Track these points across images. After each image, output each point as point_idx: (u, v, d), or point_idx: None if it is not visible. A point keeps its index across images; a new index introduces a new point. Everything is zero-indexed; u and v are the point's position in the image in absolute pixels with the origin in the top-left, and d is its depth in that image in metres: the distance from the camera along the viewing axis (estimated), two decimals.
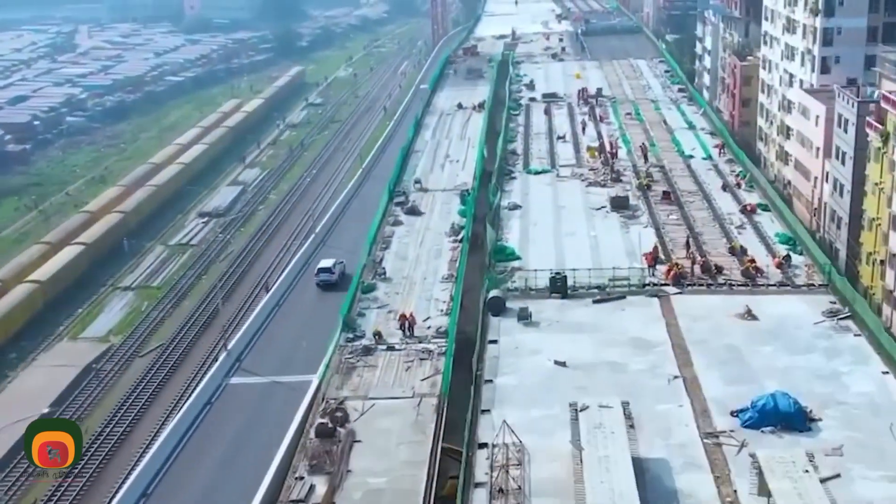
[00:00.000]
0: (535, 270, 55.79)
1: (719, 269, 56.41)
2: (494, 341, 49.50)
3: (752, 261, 56.89)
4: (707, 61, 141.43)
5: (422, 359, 50.98)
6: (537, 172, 77.76)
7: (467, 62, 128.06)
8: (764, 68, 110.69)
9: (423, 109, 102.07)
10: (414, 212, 72.76)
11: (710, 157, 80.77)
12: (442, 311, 56.35)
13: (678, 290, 54.11)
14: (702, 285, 55.09)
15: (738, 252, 59.15)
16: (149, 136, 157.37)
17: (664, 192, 70.08)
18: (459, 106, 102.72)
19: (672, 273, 55.33)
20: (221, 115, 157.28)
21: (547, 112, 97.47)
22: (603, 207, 68.50)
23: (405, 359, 51.00)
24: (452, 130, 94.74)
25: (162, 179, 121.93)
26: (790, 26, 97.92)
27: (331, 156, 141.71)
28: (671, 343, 48.00)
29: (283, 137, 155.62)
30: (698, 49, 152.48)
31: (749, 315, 50.60)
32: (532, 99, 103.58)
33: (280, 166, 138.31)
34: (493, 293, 53.24)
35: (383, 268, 62.62)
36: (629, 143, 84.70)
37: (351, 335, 53.85)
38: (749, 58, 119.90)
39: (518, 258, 60.08)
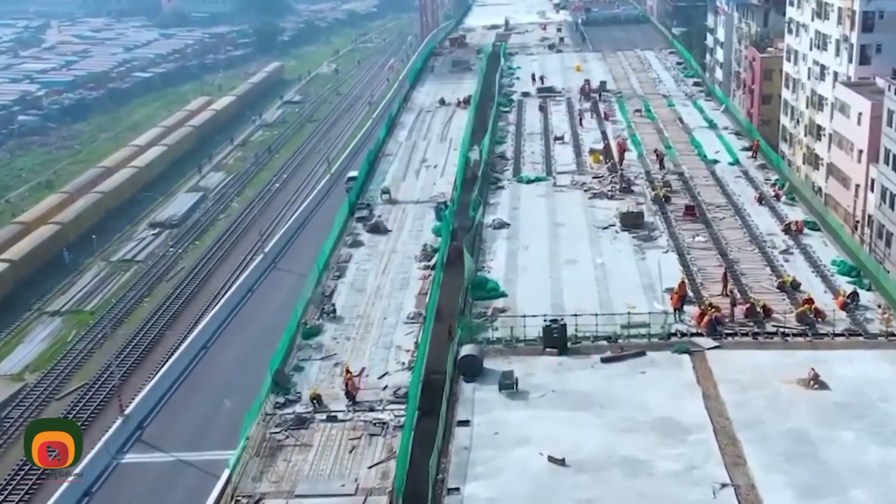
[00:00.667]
0: (524, 317, 41.98)
1: (768, 313, 42.73)
2: (465, 422, 35.73)
3: (810, 301, 43.21)
4: (720, 54, 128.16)
5: (372, 434, 37.52)
6: (530, 181, 64.00)
7: (454, 53, 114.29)
8: (788, 60, 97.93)
9: (400, 105, 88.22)
10: (378, 229, 59.11)
11: (737, 162, 67.03)
12: (404, 364, 42.85)
13: (716, 344, 40.37)
14: (746, 335, 41.40)
15: (789, 288, 45.48)
16: (108, 136, 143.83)
17: (687, 207, 56.26)
18: (442, 102, 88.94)
19: (706, 319, 41.63)
20: (187, 114, 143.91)
21: (543, 109, 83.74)
22: (611, 226, 54.77)
23: (350, 434, 37.52)
24: (432, 130, 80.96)
25: (111, 185, 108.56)
26: (822, 11, 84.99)
27: (304, 159, 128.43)
28: (712, 427, 34.22)
29: (254, 138, 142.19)
30: (709, 41, 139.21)
31: (815, 382, 36.90)
32: (525, 94, 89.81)
33: (247, 170, 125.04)
34: (467, 350, 39.45)
35: (333, 304, 49.02)
36: (640, 145, 70.95)
37: (282, 399, 40.33)
38: (770, 49, 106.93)
39: (503, 295, 46.37)
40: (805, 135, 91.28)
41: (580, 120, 79.11)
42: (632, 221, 54.16)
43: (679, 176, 64.13)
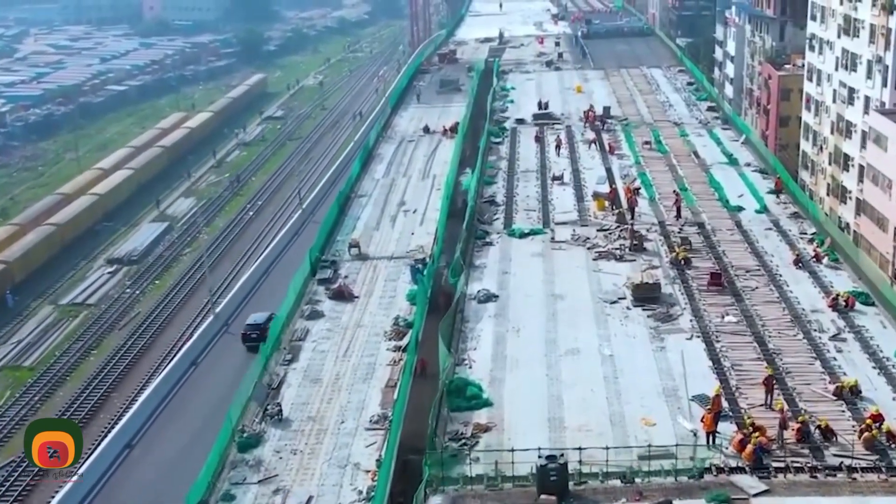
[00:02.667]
0: (513, 451, 32.30)
1: (828, 435, 33.14)
2: None
3: (878, 416, 33.57)
4: (730, 69, 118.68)
5: None
6: (524, 234, 54.31)
7: (442, 71, 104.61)
8: (810, 80, 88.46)
9: (378, 134, 78.50)
10: (342, 296, 49.49)
11: (765, 210, 57.38)
12: (362, 493, 33.43)
13: (764, 487, 30.68)
14: (802, 469, 31.77)
15: (848, 395, 35.86)
16: (75, 157, 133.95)
17: (712, 274, 46.53)
18: (426, 130, 79.24)
19: (749, 448, 31.97)
20: (158, 133, 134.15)
21: (539, 139, 74.10)
22: (621, 299, 45.11)
23: None
24: (413, 164, 71.30)
25: (67, 216, 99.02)
26: (850, 27, 75.65)
27: (283, 182, 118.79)
28: None
29: (230, 158, 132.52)
30: (718, 54, 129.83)
31: None
32: (520, 121, 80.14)
33: (220, 195, 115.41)
34: None
35: (278, 403, 39.48)
36: (652, 187, 61.26)
37: None
38: (787, 66, 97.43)
39: (486, 404, 36.70)
40: (829, 163, 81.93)
41: (592, 143, 69.91)
42: (646, 294, 44.51)
43: (699, 228, 54.47)
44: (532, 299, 45.75)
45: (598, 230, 54.17)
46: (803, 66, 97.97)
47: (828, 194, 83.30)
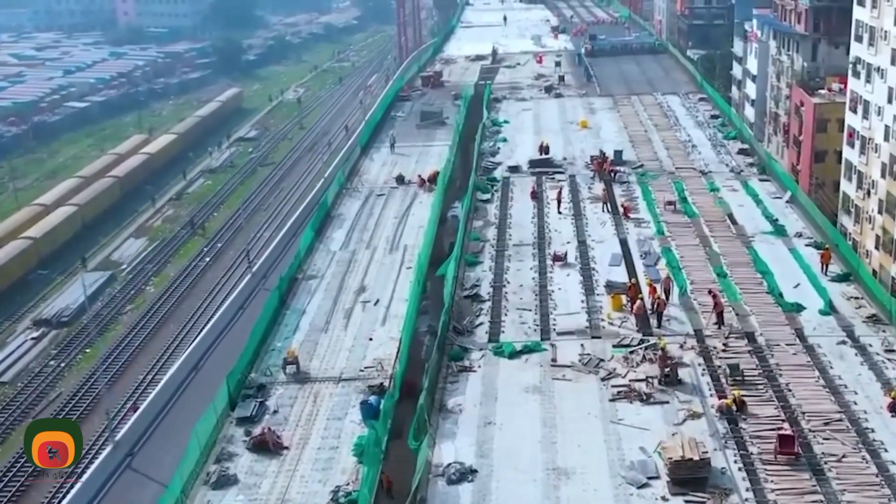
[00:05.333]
0: None
1: None
2: None
3: None
4: (751, 89, 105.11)
5: None
6: (514, 353, 40.48)
7: (425, 97, 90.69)
8: (853, 111, 75.15)
9: (340, 187, 64.52)
10: (266, 447, 35.83)
11: (832, 310, 43.55)
12: None
13: None
14: None
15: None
16: (21, 186, 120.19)
17: (781, 439, 32.62)
18: (400, 180, 65.28)
19: None
20: (114, 160, 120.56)
21: (536, 195, 60.21)
22: (653, 478, 31.34)
23: None
24: (381, 230, 57.38)
25: None
26: None
27: (248, 218, 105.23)
28: None
29: (193, 189, 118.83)
30: (736, 71, 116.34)
31: None
32: (514, 169, 66.24)
33: (175, 236, 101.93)
34: None
35: None
36: (681, 274, 47.34)
37: None
38: (822, 91, 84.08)
39: None
40: (880, 212, 68.76)
41: (603, 204, 56.49)
42: (689, 476, 30.72)
43: (749, 342, 40.63)
44: (525, 476, 31.89)
45: (614, 346, 40.30)
46: (841, 91, 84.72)
47: (877, 248, 70.11)
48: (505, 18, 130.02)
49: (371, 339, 43.71)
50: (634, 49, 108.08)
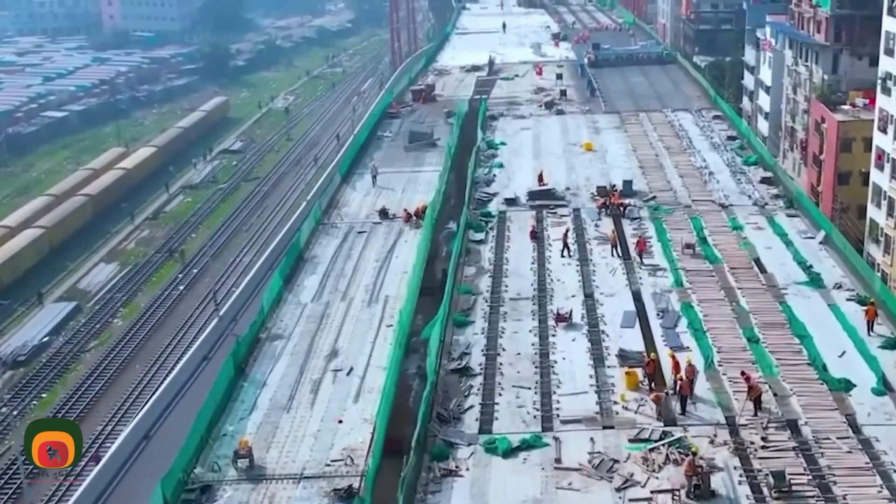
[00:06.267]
0: None
1: None
2: None
3: None
4: (764, 100, 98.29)
5: None
6: (509, 450, 33.33)
7: (415, 113, 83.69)
8: (882, 130, 68.74)
9: (316, 222, 57.40)
10: None
11: (887, 388, 36.57)
12: None
13: None
14: None
15: None
16: None
17: None
18: (383, 214, 58.20)
19: None
20: (88, 175, 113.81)
21: (536, 235, 53.19)
22: None
23: None
24: (359, 277, 50.32)
25: None
26: None
27: (228, 240, 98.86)
28: None
29: (171, 207, 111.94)
30: (747, 81, 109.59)
31: None
32: (511, 201, 59.16)
33: (149, 260, 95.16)
34: None
35: None
36: (707, 343, 40.30)
37: None
38: (844, 107, 77.42)
39: None
40: None
41: (613, 247, 49.51)
42: None
43: (792, 434, 33.65)
44: None
45: (630, 441, 33.32)
46: (865, 107, 78.13)
47: None
48: (504, 26, 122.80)
49: (341, 422, 36.75)
50: (641, 59, 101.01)
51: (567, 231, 51.48)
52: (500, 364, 39.36)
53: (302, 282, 49.86)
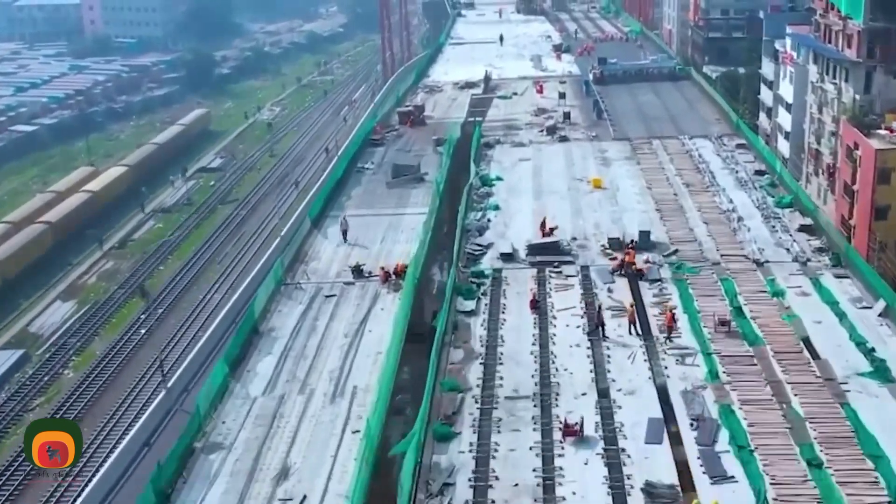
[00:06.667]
0: None
1: None
2: None
3: None
4: (784, 118, 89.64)
5: None
6: None
7: (402, 139, 74.89)
8: None
9: (277, 283, 48.43)
10: None
11: None
12: None
13: None
14: None
15: None
16: None
17: None
18: (357, 272, 49.31)
19: None
20: (51, 198, 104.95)
21: (537, 304, 44.29)
22: None
23: None
24: (322, 360, 41.39)
25: None
26: None
27: (198, 273, 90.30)
28: None
29: (140, 234, 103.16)
30: (765, 97, 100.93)
31: None
32: (507, 255, 50.27)
33: (111, 297, 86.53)
34: None
35: None
36: (757, 470, 31.51)
37: None
38: (882, 132, 68.87)
39: None
40: None
41: (631, 325, 40.58)
42: None
43: None
44: None
45: None
46: None
47: None
48: (501, 38, 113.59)
49: None
50: (651, 75, 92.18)
51: (600, 311, 42.30)
52: (493, 502, 30.51)
53: (254, 366, 41.03)
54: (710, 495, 29.34)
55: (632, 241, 49.42)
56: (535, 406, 35.98)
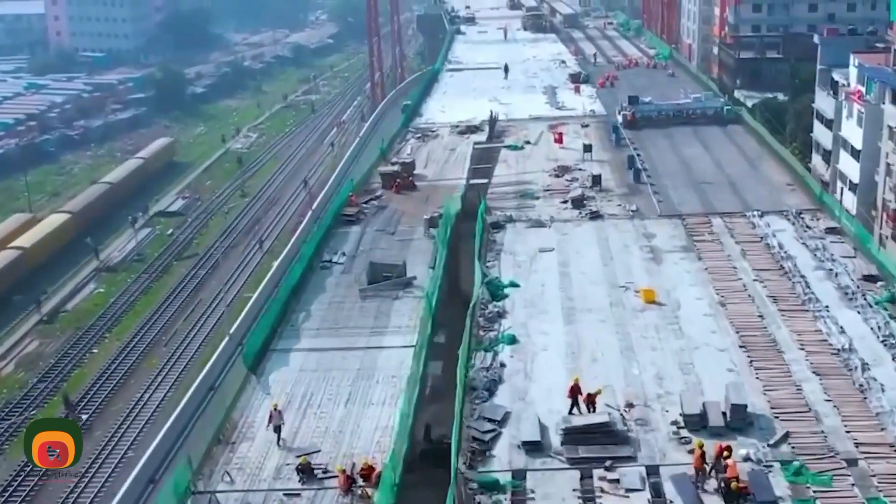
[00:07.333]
0: None
1: None
2: None
3: None
4: (849, 166, 73.18)
5: None
6: None
7: (386, 213, 57.86)
8: None
9: (179, 497, 31.30)
10: None
11: None
12: None
13: None
14: None
15: None
16: None
17: None
18: (305, 471, 32.20)
19: None
20: None
21: None
22: None
23: None
24: None
25: None
26: None
27: (139, 360, 73.60)
28: None
29: (73, 304, 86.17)
30: (819, 135, 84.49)
31: None
32: (531, 446, 33.15)
33: (28, 395, 69.88)
34: None
35: None
36: None
37: None
38: None
39: None
40: None
41: None
42: None
43: None
44: None
45: None
46: None
47: None
48: (506, 69, 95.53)
49: None
50: (694, 116, 75.27)
51: None
52: None
53: None
54: None
55: (727, 452, 31.28)
56: None
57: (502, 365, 38.50)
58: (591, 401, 34.35)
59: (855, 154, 74.18)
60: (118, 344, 75.96)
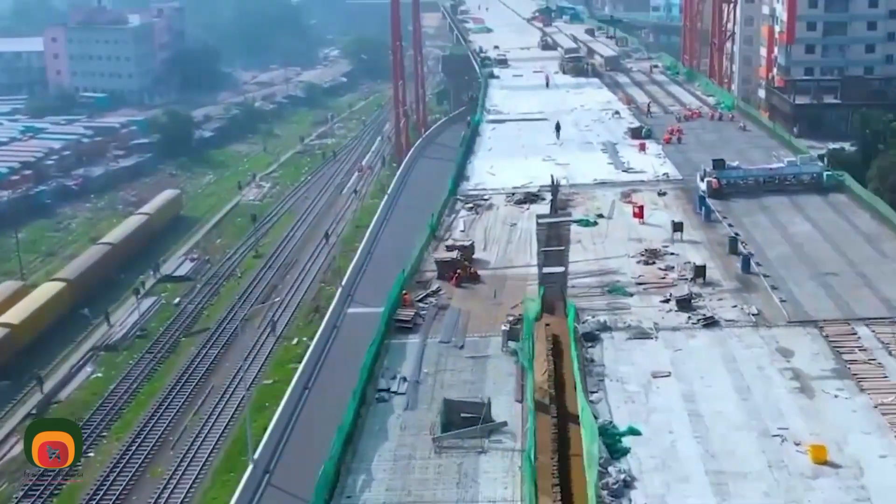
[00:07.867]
0: None
1: None
2: None
3: None
4: None
5: None
6: None
7: (447, 314, 46.98)
8: None
9: None
10: None
11: None
12: None
13: None
14: None
15: None
16: None
17: None
18: None
19: None
20: None
21: None
22: None
23: None
24: None
25: None
26: None
27: (145, 465, 62.47)
28: None
29: (67, 393, 75.45)
30: None
31: None
32: None
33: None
34: None
35: None
36: None
37: None
38: None
39: None
40: None
41: None
42: None
43: None
44: None
45: None
46: None
47: None
48: (558, 128, 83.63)
49: None
50: (790, 185, 64.77)
51: None
52: None
53: None
54: None
55: None
56: None
57: None
58: None
59: None
60: (118, 445, 65.22)
